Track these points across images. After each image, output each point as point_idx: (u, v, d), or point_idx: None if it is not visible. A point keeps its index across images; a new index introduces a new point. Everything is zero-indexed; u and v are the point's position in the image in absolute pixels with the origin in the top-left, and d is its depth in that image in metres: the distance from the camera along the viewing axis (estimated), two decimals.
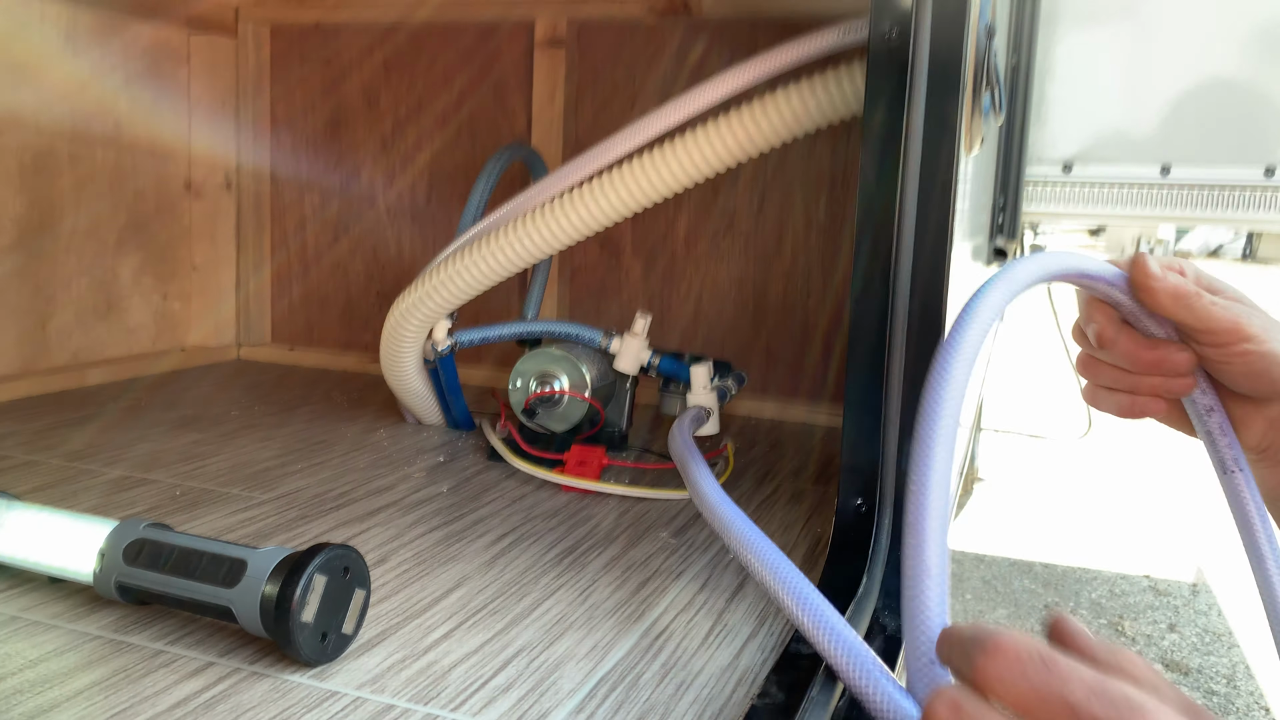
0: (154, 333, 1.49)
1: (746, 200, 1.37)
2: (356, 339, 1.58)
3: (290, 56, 1.55)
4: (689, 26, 1.36)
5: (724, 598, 0.73)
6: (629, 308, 1.42)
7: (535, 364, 1.08)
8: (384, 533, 0.82)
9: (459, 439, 1.14)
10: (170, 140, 1.48)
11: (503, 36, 1.44)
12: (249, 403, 1.27)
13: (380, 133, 1.53)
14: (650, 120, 0.94)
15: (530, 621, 0.67)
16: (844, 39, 0.86)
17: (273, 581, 0.56)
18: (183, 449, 1.04)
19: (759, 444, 1.19)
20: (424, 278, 1.05)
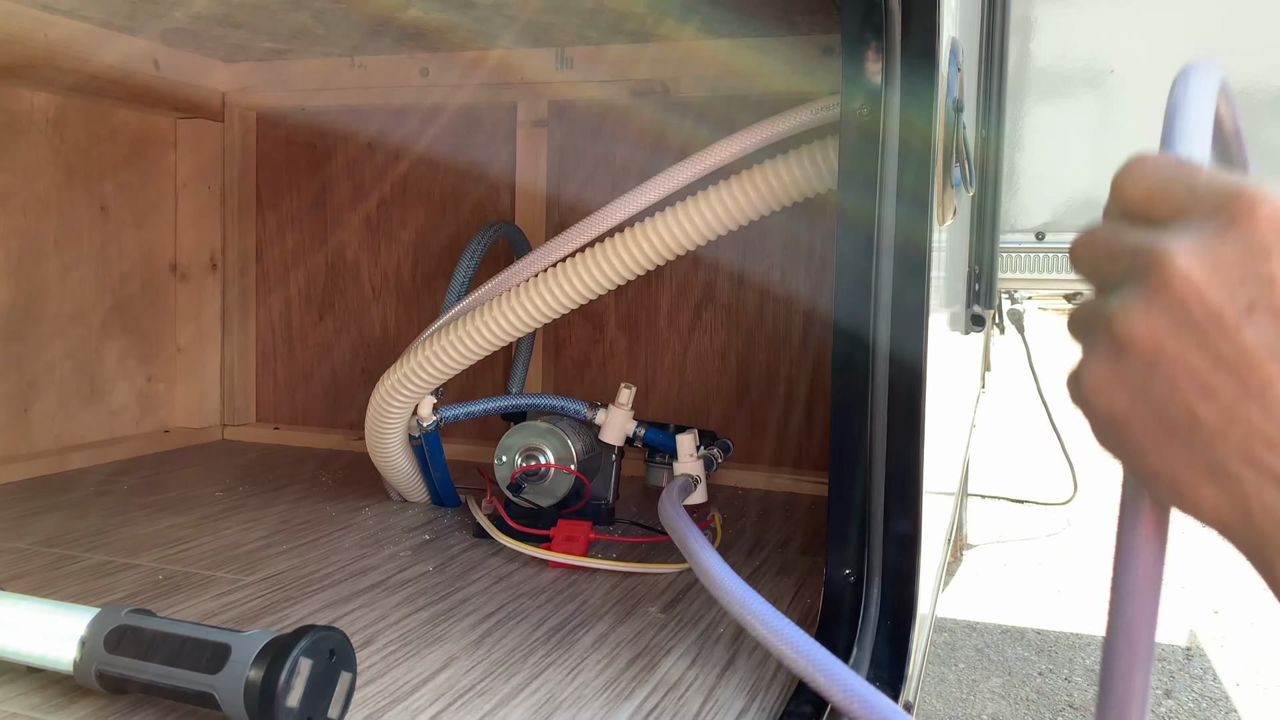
0: (138, 415, 1.48)
1: (727, 272, 1.39)
2: (342, 417, 1.58)
3: (276, 139, 1.58)
4: (666, 106, 1.39)
5: (714, 673, 0.72)
6: (613, 380, 1.43)
7: (520, 438, 1.08)
8: (370, 613, 0.81)
9: (444, 516, 1.14)
10: (156, 223, 1.50)
11: (486, 118, 1.47)
12: (233, 484, 1.27)
13: (365, 212, 1.55)
14: (631, 197, 0.96)
15: (519, 702, 0.66)
16: (817, 116, 0.89)
17: (257, 666, 0.56)
18: (166, 532, 1.03)
19: (746, 514, 1.19)
20: (409, 354, 1.06)
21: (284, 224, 1.59)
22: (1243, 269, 0.30)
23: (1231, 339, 0.30)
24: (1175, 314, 0.30)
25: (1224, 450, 0.30)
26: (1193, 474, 0.31)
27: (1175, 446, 0.31)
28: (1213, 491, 0.31)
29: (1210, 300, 0.30)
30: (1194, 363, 0.30)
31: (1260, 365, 0.29)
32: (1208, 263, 0.30)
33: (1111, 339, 0.32)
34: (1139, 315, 0.31)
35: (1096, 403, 0.33)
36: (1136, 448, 0.32)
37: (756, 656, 0.75)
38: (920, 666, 0.89)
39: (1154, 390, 0.31)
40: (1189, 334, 0.30)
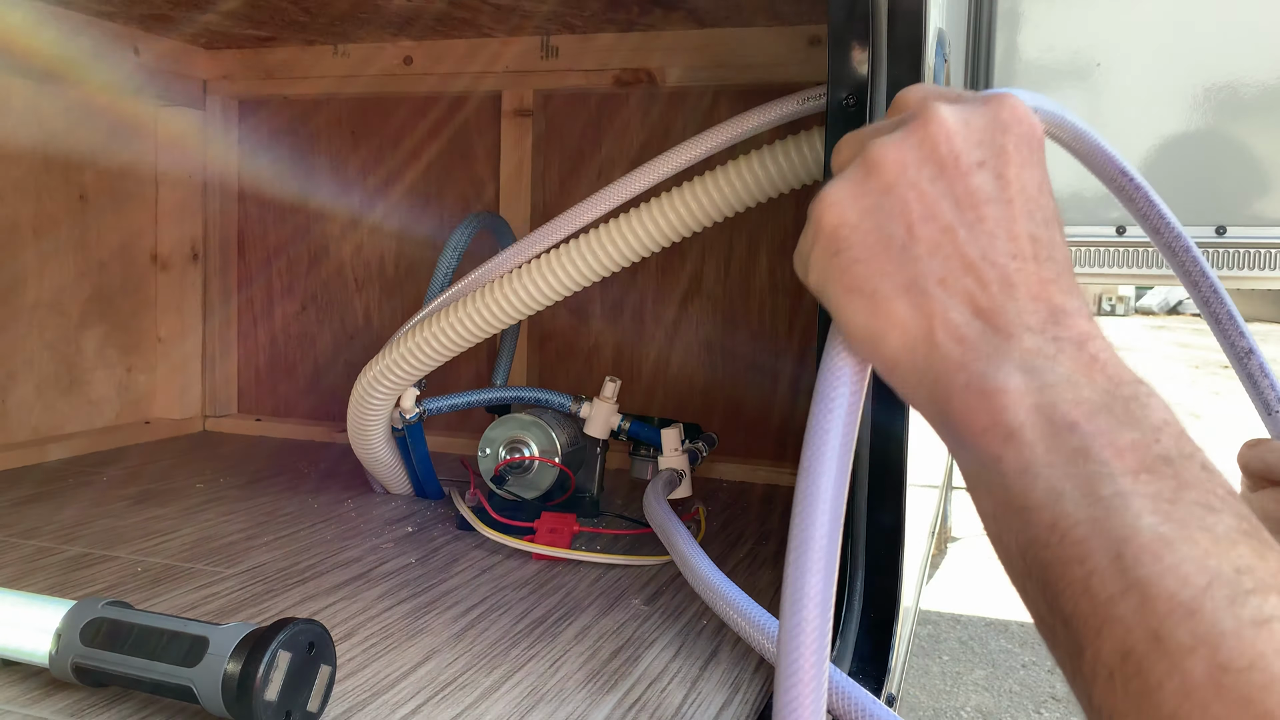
0: (118, 406, 1.47)
1: (713, 264, 1.39)
2: (324, 409, 1.57)
3: (258, 128, 1.57)
4: (652, 95, 1.38)
5: (697, 665, 0.72)
6: (598, 373, 1.43)
7: (504, 430, 1.07)
8: (351, 606, 0.81)
9: (428, 508, 1.13)
10: (136, 212, 1.48)
11: (471, 107, 1.46)
12: (214, 475, 1.26)
13: (348, 203, 1.53)
14: (616, 187, 0.96)
15: (501, 694, 0.65)
16: (803, 107, 0.88)
17: (235, 659, 0.55)
18: (145, 524, 1.02)
19: (731, 507, 1.19)
20: (391, 346, 1.05)
21: (266, 214, 1.58)
22: (984, 134, 0.36)
23: (962, 181, 0.35)
24: (924, 150, 0.35)
25: (927, 268, 0.34)
26: (894, 287, 0.35)
27: (885, 260, 0.35)
28: (905, 308, 0.34)
29: (955, 147, 0.35)
30: (926, 190, 0.35)
31: (977, 205, 0.35)
32: (961, 121, 0.36)
33: (865, 162, 0.36)
34: (894, 144, 0.36)
35: (828, 216, 0.36)
36: (849, 259, 0.36)
37: (740, 649, 0.75)
38: (904, 659, 0.89)
39: (885, 207, 0.35)
40: (929, 168, 0.35)
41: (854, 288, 0.35)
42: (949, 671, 2.29)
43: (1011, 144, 0.35)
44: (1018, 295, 0.33)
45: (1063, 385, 0.31)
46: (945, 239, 0.34)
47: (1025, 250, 0.34)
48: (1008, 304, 0.33)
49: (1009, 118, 0.36)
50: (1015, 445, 0.31)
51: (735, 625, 0.68)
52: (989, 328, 0.33)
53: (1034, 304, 0.33)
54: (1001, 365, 0.32)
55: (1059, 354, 0.32)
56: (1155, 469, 0.29)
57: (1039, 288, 0.33)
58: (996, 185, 0.35)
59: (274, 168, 1.56)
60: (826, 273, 0.36)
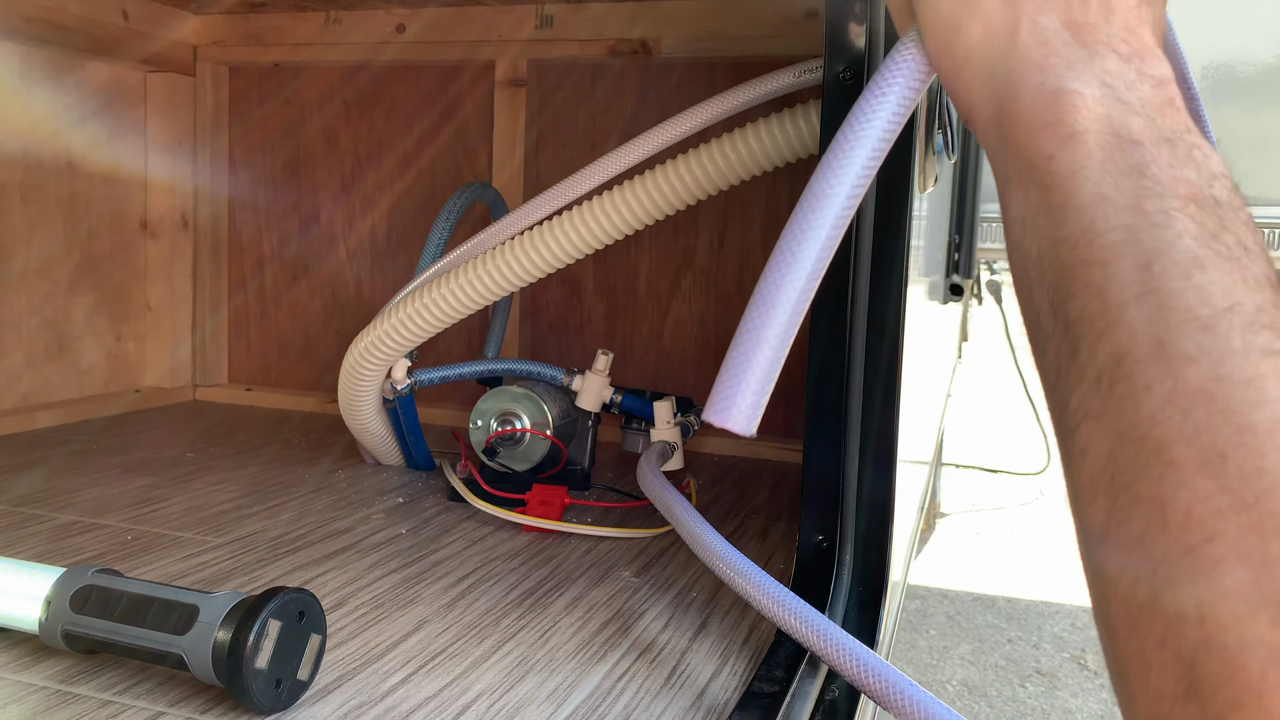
0: (107, 374, 1.46)
1: (706, 238, 1.39)
2: (315, 380, 1.56)
3: (249, 96, 1.55)
4: (647, 67, 1.37)
5: (687, 637, 0.72)
6: (590, 345, 1.42)
7: (496, 403, 1.07)
8: (341, 576, 0.81)
9: (419, 480, 1.13)
10: (126, 179, 1.47)
11: (464, 77, 1.45)
12: (204, 445, 1.25)
13: (340, 173, 1.52)
14: (610, 159, 0.95)
15: (490, 665, 0.66)
16: (799, 79, 0.88)
17: (225, 628, 0.55)
18: (135, 493, 1.02)
19: (722, 481, 1.19)
20: (383, 317, 1.04)
21: (257, 183, 1.57)
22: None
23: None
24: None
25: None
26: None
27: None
28: (997, 4, 0.34)
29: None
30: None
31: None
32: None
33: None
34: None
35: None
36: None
37: (729, 620, 0.75)
38: (891, 632, 0.90)
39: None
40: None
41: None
42: (935, 645, 2.31)
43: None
44: (1113, 20, 0.33)
45: (1136, 107, 0.31)
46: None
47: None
48: (1101, 24, 0.33)
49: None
50: (1074, 146, 0.31)
51: (735, 585, 0.69)
52: (1076, 40, 0.32)
53: (1126, 34, 0.33)
54: (1081, 73, 0.31)
55: (1140, 82, 0.32)
56: (1205, 205, 0.29)
57: (1135, 21, 0.33)
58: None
59: (265, 136, 1.55)
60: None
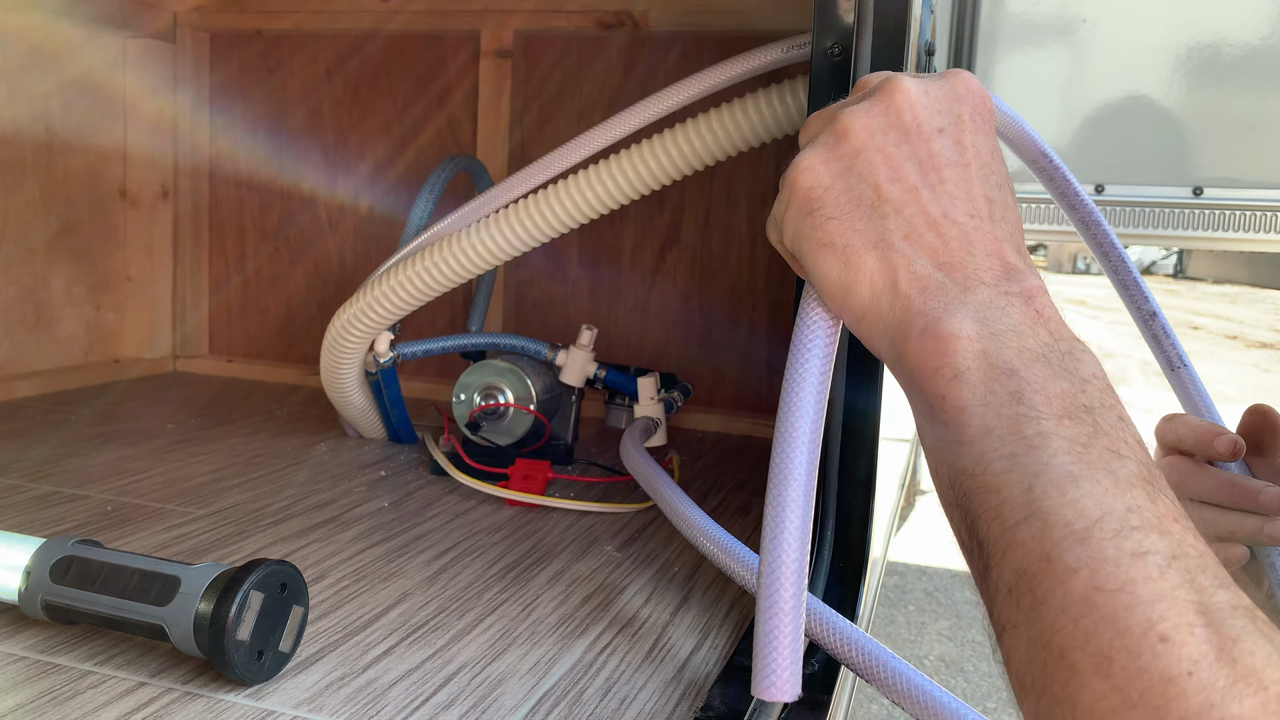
0: (86, 344, 1.45)
1: (692, 214, 1.38)
2: (297, 351, 1.55)
3: (230, 64, 1.53)
4: (634, 40, 1.36)
5: (668, 611, 0.72)
6: (574, 321, 1.42)
7: (480, 377, 1.07)
8: (323, 549, 0.81)
9: (401, 453, 1.13)
10: (105, 147, 1.45)
11: (448, 47, 1.43)
12: (185, 416, 1.25)
13: (323, 143, 1.51)
14: (596, 133, 0.94)
15: (472, 638, 0.66)
16: (787, 55, 0.87)
17: (207, 599, 0.55)
18: (115, 464, 1.01)
19: (705, 456, 1.20)
20: (366, 289, 1.04)
21: (238, 151, 1.55)
22: (943, 104, 0.39)
23: (924, 145, 0.38)
24: (889, 117, 0.39)
25: (894, 225, 0.37)
26: (864, 242, 0.38)
27: (856, 217, 0.38)
28: (874, 260, 0.37)
29: (918, 115, 0.39)
30: (892, 154, 0.38)
31: (939, 168, 0.38)
32: (921, 91, 0.40)
33: (834, 130, 0.39)
34: (862, 113, 0.39)
35: (802, 180, 0.39)
36: (823, 217, 0.38)
37: (710, 595, 0.76)
38: (871, 608, 0.91)
39: (855, 170, 0.39)
40: (895, 134, 0.39)
41: (827, 243, 0.38)
42: (914, 621, 2.34)
43: (967, 113, 0.39)
44: (975, 251, 0.36)
45: (1009, 334, 0.34)
46: (910, 198, 0.37)
47: (982, 210, 0.37)
48: (966, 258, 0.36)
49: (964, 90, 0.40)
50: (959, 385, 0.34)
51: (717, 561, 0.69)
52: (949, 279, 0.36)
53: (989, 260, 0.36)
54: (957, 312, 0.35)
55: (1009, 306, 0.35)
56: (1077, 416, 0.32)
57: (994, 245, 0.37)
58: (955, 150, 0.38)
59: (247, 105, 1.53)
60: (801, 231, 0.39)
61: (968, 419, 0.34)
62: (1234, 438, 0.57)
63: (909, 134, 0.38)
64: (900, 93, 0.39)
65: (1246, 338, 10.46)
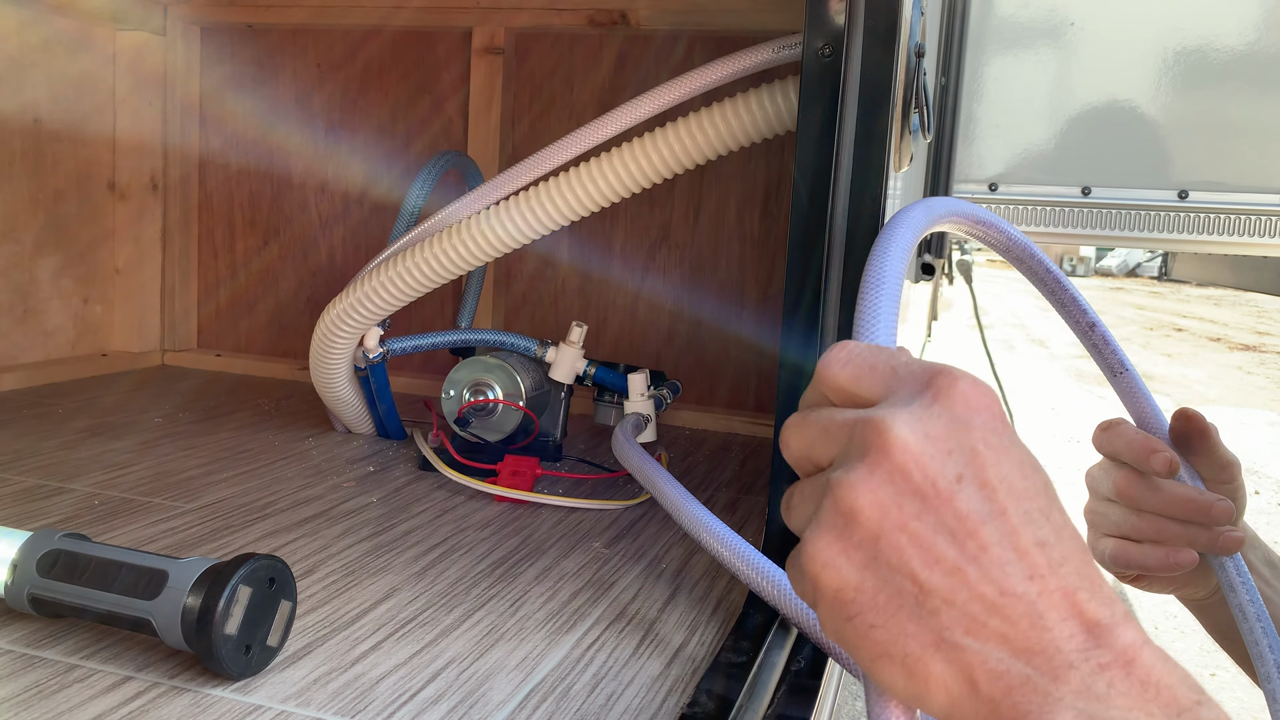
0: (73, 337, 1.44)
1: (682, 212, 1.39)
2: (286, 345, 1.55)
3: (220, 57, 1.53)
4: (626, 38, 1.37)
5: (656, 607, 0.73)
6: (564, 317, 1.42)
7: (469, 373, 1.07)
8: (311, 543, 0.81)
9: (390, 448, 1.13)
10: (94, 139, 1.44)
11: (440, 43, 1.43)
12: (173, 410, 1.24)
13: (313, 136, 1.50)
14: (587, 131, 0.95)
15: (460, 633, 0.66)
16: (778, 55, 0.88)
17: (195, 593, 0.55)
18: (102, 457, 1.01)
19: (693, 454, 1.20)
20: (356, 284, 1.04)
21: (228, 146, 1.54)
22: (949, 441, 0.31)
23: (948, 507, 0.31)
24: (897, 482, 0.31)
25: (950, 619, 0.31)
26: (923, 648, 0.31)
27: (904, 619, 0.31)
28: (941, 665, 0.31)
29: (928, 469, 0.31)
30: (917, 530, 0.31)
31: (975, 532, 0.31)
32: (920, 433, 0.31)
33: (837, 511, 0.32)
34: (863, 484, 0.31)
35: (825, 579, 0.32)
36: (866, 624, 0.32)
37: (699, 591, 0.76)
38: None
39: (882, 559, 0.31)
40: (911, 502, 0.31)
41: (882, 654, 0.32)
42: None
43: (980, 441, 0.32)
44: (1049, 623, 0.30)
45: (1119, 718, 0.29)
46: (957, 582, 0.31)
47: (1039, 565, 0.31)
48: (1042, 636, 0.30)
49: (965, 409, 0.32)
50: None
51: (719, 554, 0.70)
52: (1032, 668, 0.30)
53: (1066, 626, 0.30)
54: (1053, 710, 0.29)
55: (1110, 690, 0.29)
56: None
57: (1066, 605, 0.31)
58: (982, 497, 0.31)
59: (237, 99, 1.52)
60: (844, 637, 0.33)
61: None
62: (1168, 456, 0.57)
63: (927, 499, 0.31)
64: (899, 448, 0.31)
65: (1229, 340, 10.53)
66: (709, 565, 0.82)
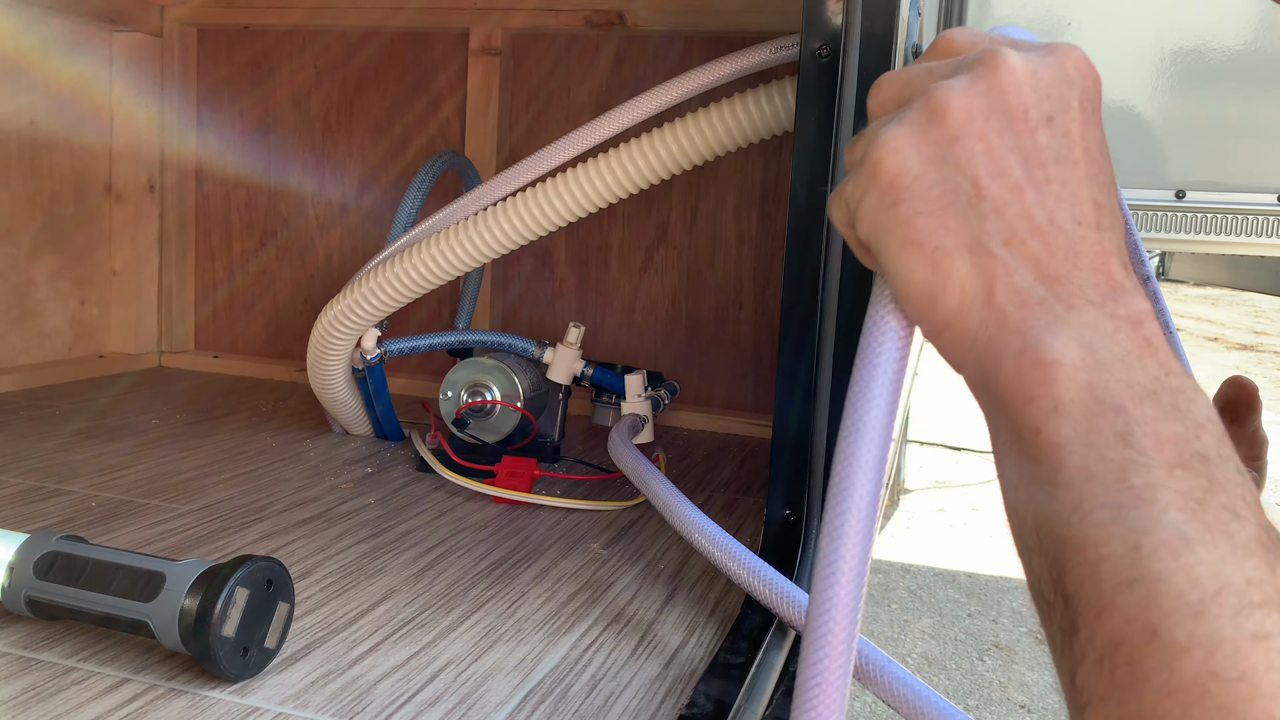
0: (70, 339, 1.44)
1: (680, 213, 1.38)
2: (283, 347, 1.55)
3: (217, 58, 1.52)
4: (624, 39, 1.37)
5: (654, 608, 0.73)
6: (562, 319, 1.42)
7: (467, 374, 1.07)
8: (309, 545, 0.81)
9: (387, 450, 1.13)
10: (91, 142, 1.44)
11: (437, 44, 1.43)
12: (170, 411, 1.24)
13: (310, 139, 1.50)
14: (585, 131, 0.95)
15: (458, 634, 0.66)
16: (776, 56, 0.88)
17: (192, 595, 0.55)
18: (99, 459, 1.01)
19: (691, 455, 1.20)
20: (353, 285, 1.04)
21: (226, 148, 1.54)
22: (1053, 87, 0.34)
23: (1030, 136, 0.33)
24: (993, 99, 0.33)
25: (993, 227, 0.33)
26: (957, 244, 0.33)
27: (949, 215, 0.33)
28: (967, 267, 0.33)
29: (1025, 98, 0.33)
30: (994, 143, 0.33)
31: (1046, 164, 0.33)
32: (1030, 70, 0.34)
33: (928, 107, 0.34)
34: (961, 90, 0.34)
35: (889, 162, 0.34)
36: (911, 210, 0.33)
37: (696, 592, 0.76)
38: None
39: (951, 158, 0.33)
40: (998, 119, 0.33)
41: (914, 241, 0.33)
42: (897, 619, 2.35)
43: (1077, 99, 0.34)
44: (1081, 265, 0.32)
45: (1116, 364, 0.30)
46: (1013, 197, 0.33)
47: (1089, 216, 0.33)
48: (1073, 272, 0.32)
49: (1075, 71, 0.34)
50: (1058, 420, 0.30)
51: (713, 557, 0.70)
52: (1052, 294, 0.32)
53: (1096, 276, 0.32)
54: (1060, 333, 0.31)
55: (1116, 332, 0.31)
56: (1191, 465, 0.29)
57: (1101, 259, 0.32)
58: (1064, 143, 0.33)
59: (234, 101, 1.52)
60: (881, 223, 0.34)
61: (1065, 458, 0.30)
62: None
63: (1015, 121, 0.33)
64: (1006, 70, 0.33)
65: (1227, 339, 10.54)
66: (706, 566, 0.82)
